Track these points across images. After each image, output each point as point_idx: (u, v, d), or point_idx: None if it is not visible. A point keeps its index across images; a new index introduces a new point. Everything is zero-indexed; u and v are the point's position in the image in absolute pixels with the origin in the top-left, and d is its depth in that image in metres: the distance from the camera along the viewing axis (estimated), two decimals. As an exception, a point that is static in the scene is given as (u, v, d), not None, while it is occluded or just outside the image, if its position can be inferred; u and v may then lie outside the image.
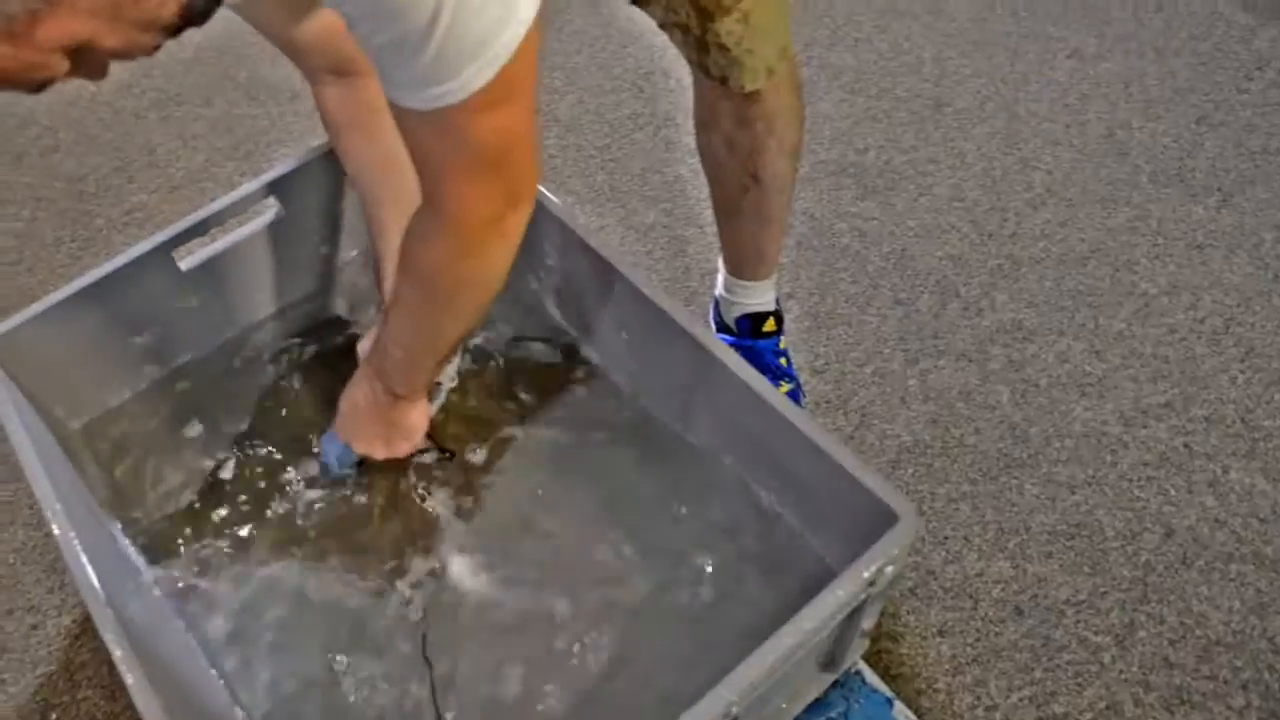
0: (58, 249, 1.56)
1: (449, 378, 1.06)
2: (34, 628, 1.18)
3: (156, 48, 0.60)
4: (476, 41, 0.58)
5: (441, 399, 1.05)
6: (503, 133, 0.66)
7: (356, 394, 0.96)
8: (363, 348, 0.99)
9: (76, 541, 0.86)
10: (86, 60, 0.58)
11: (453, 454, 1.09)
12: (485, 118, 0.64)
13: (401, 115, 0.65)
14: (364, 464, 1.06)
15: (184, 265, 1.12)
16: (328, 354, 1.19)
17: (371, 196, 0.99)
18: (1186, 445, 1.25)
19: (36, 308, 1.06)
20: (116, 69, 0.67)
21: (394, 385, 0.92)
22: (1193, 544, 1.17)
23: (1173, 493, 1.21)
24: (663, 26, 0.96)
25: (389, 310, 0.87)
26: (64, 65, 0.56)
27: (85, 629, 1.17)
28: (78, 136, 1.72)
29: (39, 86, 0.57)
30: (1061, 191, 1.53)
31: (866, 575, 0.79)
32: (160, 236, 1.09)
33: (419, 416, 0.98)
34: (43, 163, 1.69)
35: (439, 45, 0.58)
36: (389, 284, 0.98)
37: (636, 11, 0.97)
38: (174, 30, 0.60)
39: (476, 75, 0.60)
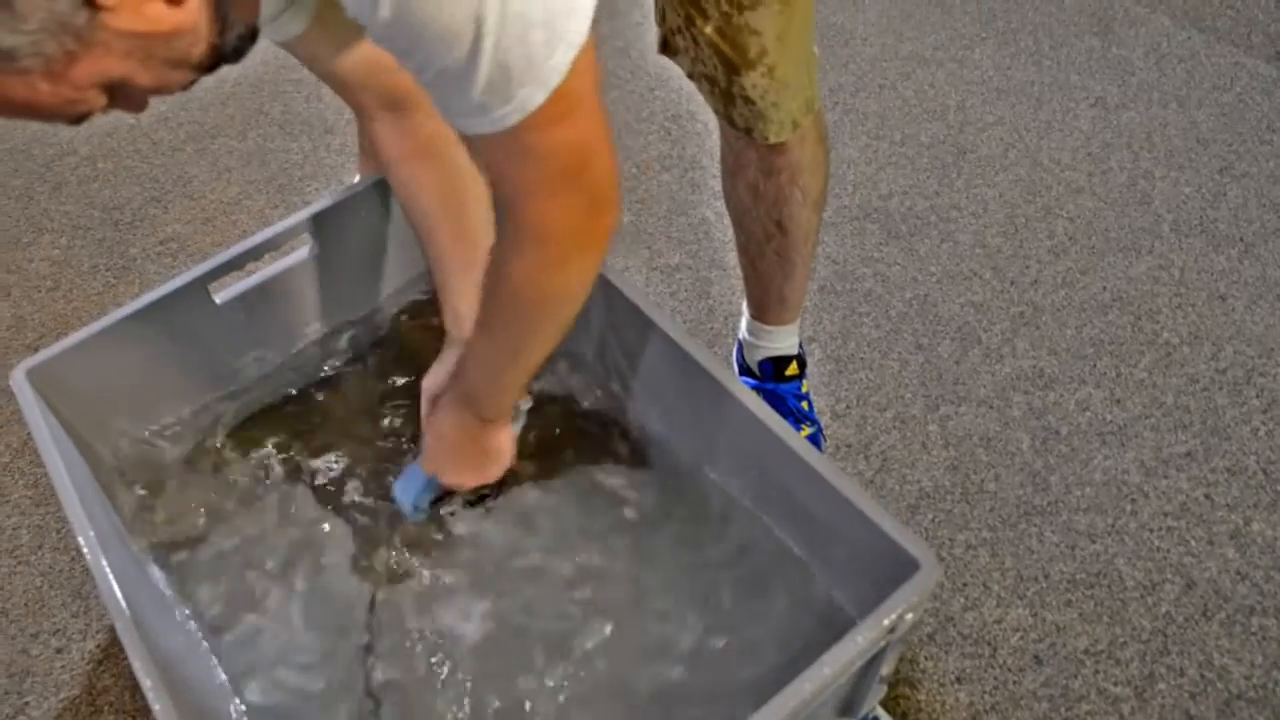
0: (93, 277, 1.60)
1: (526, 401, 1.03)
2: (59, 651, 1.19)
3: (191, 83, 0.63)
4: (523, 67, 0.59)
5: (522, 420, 1.01)
6: (573, 145, 0.66)
7: (443, 426, 0.94)
8: (428, 383, 0.98)
9: (108, 569, 0.88)
10: (123, 95, 0.61)
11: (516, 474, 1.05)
12: (551, 133, 0.64)
13: (471, 141, 0.66)
14: (439, 500, 1.05)
15: (219, 298, 1.14)
16: (362, 388, 1.21)
17: (428, 227, 0.98)
18: (1208, 496, 1.25)
19: (74, 338, 1.08)
20: (155, 102, 0.70)
21: (483, 410, 0.90)
22: (1214, 596, 1.17)
23: (1193, 544, 1.21)
24: (690, 76, 0.99)
25: (473, 336, 0.85)
26: (101, 100, 0.59)
27: (109, 654, 1.19)
28: (115, 167, 1.76)
29: (78, 119, 0.60)
30: (1084, 240, 1.54)
31: (887, 623, 0.80)
32: (197, 270, 1.11)
33: (507, 439, 0.96)
34: (80, 192, 1.73)
35: (487, 74, 0.59)
36: (450, 313, 0.98)
37: (666, 58, 1.00)
38: (207, 68, 0.63)
39: (530, 98, 0.61)
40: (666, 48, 0.98)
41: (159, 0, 0.56)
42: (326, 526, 1.10)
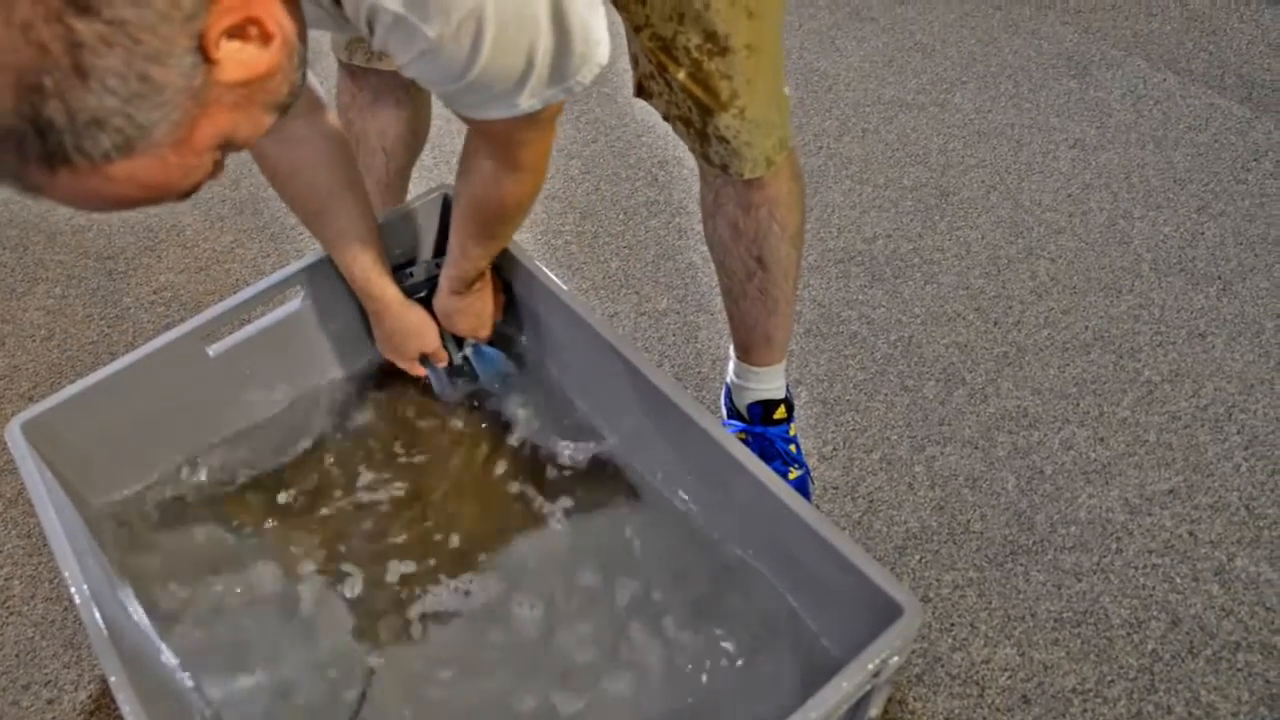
0: (88, 326, 1.61)
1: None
2: (50, 702, 1.19)
3: (268, 130, 0.65)
4: (558, 79, 0.74)
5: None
6: (557, 110, 0.84)
7: (464, 305, 1.15)
8: (441, 306, 1.18)
9: (101, 623, 0.88)
10: (225, 154, 0.63)
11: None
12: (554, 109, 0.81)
13: (485, 122, 0.80)
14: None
15: (212, 351, 1.15)
16: (352, 439, 1.22)
17: (333, 221, 1.11)
18: (1191, 533, 1.27)
19: (68, 391, 1.09)
20: None
21: (475, 282, 1.13)
22: (1199, 633, 1.18)
23: (1178, 580, 1.22)
24: (666, 119, 1.03)
25: (469, 248, 1.06)
26: (212, 161, 0.61)
27: (100, 705, 1.19)
28: (109, 216, 1.79)
29: (191, 190, 0.61)
30: (1065, 280, 1.56)
31: (871, 667, 0.81)
32: (191, 324, 1.13)
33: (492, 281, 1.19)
34: (75, 241, 1.75)
35: (529, 97, 0.75)
36: (367, 268, 1.13)
37: (642, 100, 1.04)
38: (285, 109, 0.66)
39: (554, 97, 0.76)
40: (642, 91, 1.03)
41: (252, 44, 0.58)
42: (320, 580, 1.11)
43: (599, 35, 0.73)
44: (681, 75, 0.95)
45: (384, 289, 1.13)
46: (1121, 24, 2.01)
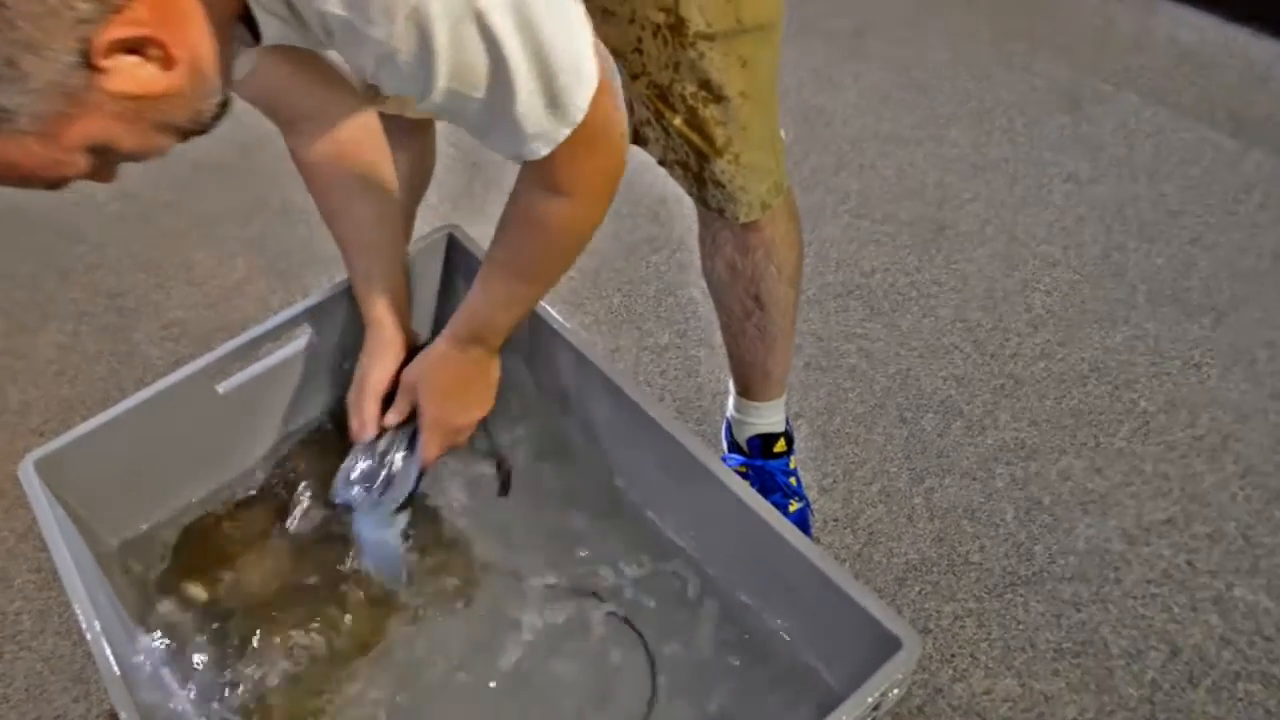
0: (98, 362, 1.64)
1: None
2: (60, 738, 1.21)
3: (166, 151, 0.67)
4: (551, 107, 0.71)
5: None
6: (596, 167, 0.79)
7: (446, 366, 0.99)
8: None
9: (113, 660, 0.90)
10: (104, 160, 0.64)
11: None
12: (576, 161, 0.76)
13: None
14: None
15: (221, 388, 1.17)
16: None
17: (349, 216, 1.05)
18: (1189, 562, 1.28)
19: (81, 429, 1.11)
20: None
21: (495, 341, 0.98)
22: (1199, 662, 1.19)
23: (1177, 610, 1.24)
24: (662, 163, 1.05)
25: (492, 282, 0.94)
26: (84, 163, 0.63)
27: (109, 741, 1.20)
28: (121, 253, 1.82)
29: (58, 183, 0.63)
30: (1061, 312, 1.58)
31: (871, 700, 0.82)
32: (200, 363, 1.15)
33: (497, 373, 1.04)
34: (86, 279, 1.78)
35: (518, 121, 0.71)
36: (378, 306, 1.05)
37: (637, 146, 1.05)
38: (188, 133, 0.67)
39: (556, 133, 0.72)
40: (637, 137, 1.05)
41: (151, 63, 0.60)
42: (332, 615, 1.12)
43: (582, 53, 0.70)
44: (678, 122, 0.98)
45: (371, 300, 1.06)
46: (1113, 59, 2.05)
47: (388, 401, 1.03)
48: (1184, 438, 1.41)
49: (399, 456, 1.00)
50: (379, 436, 1.01)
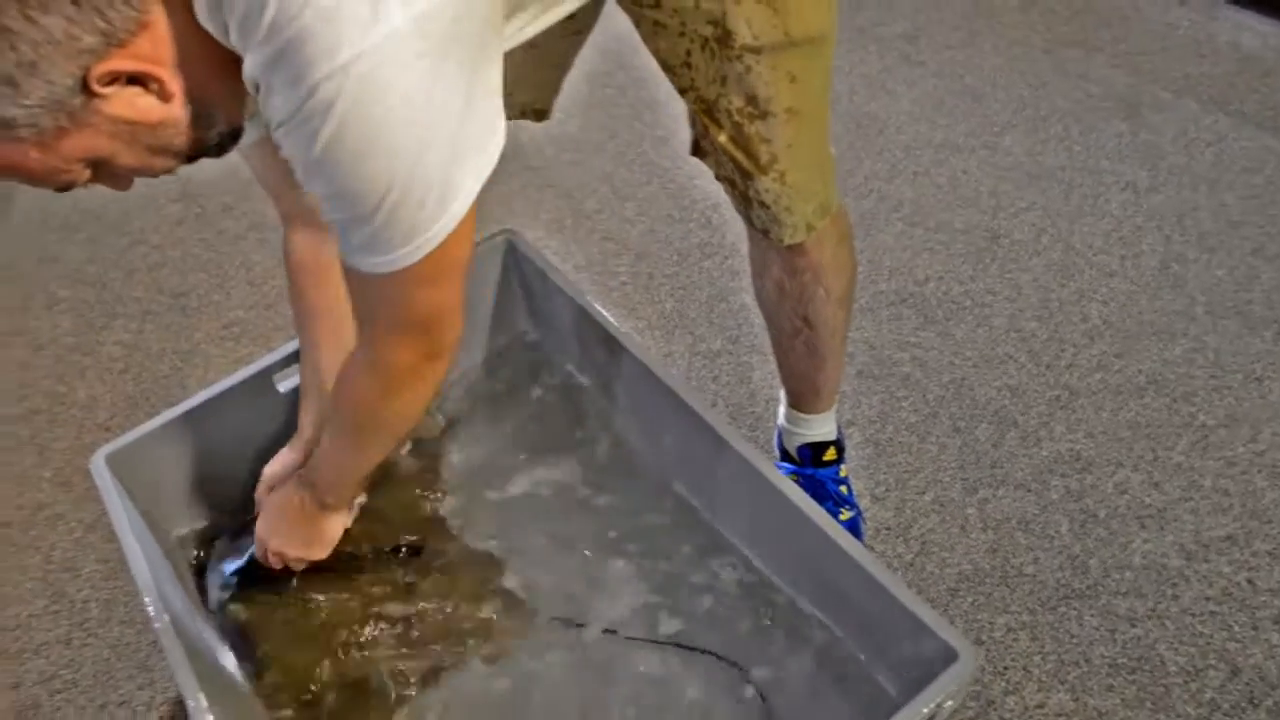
0: (161, 360, 1.68)
1: (361, 497, 1.13)
2: (123, 725, 1.24)
3: (172, 170, 0.72)
4: (408, 230, 0.68)
5: (355, 512, 1.12)
6: (432, 303, 0.77)
7: (283, 503, 1.05)
8: (269, 470, 1.11)
9: (182, 650, 0.92)
10: (107, 172, 0.70)
11: (359, 559, 1.14)
12: (417, 289, 0.74)
13: (349, 271, 0.75)
14: (245, 576, 1.13)
15: (282, 387, 1.20)
16: (413, 473, 1.26)
17: (310, 336, 1.09)
18: (1250, 580, 1.26)
19: (151, 424, 1.15)
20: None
21: (323, 496, 1.02)
22: (1260, 683, 1.17)
23: (1236, 629, 1.22)
24: (717, 178, 1.03)
25: (326, 434, 0.98)
26: (85, 174, 0.68)
27: (171, 729, 1.23)
28: (183, 254, 1.86)
29: (63, 187, 0.69)
30: (1118, 323, 1.56)
31: (926, 710, 0.82)
32: (263, 361, 1.18)
33: (338, 526, 1.07)
34: (150, 278, 1.82)
35: (377, 228, 0.68)
36: (306, 409, 1.10)
37: (697, 159, 1.05)
38: (189, 157, 0.72)
39: (407, 255, 0.70)
40: (697, 150, 1.03)
41: (150, 94, 0.65)
42: (375, 605, 1.14)
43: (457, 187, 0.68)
44: (723, 138, 0.96)
45: (306, 406, 1.10)
46: (1172, 66, 2.02)
47: None
48: (1245, 453, 1.39)
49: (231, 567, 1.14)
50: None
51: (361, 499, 1.13)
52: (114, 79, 0.63)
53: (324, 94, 0.61)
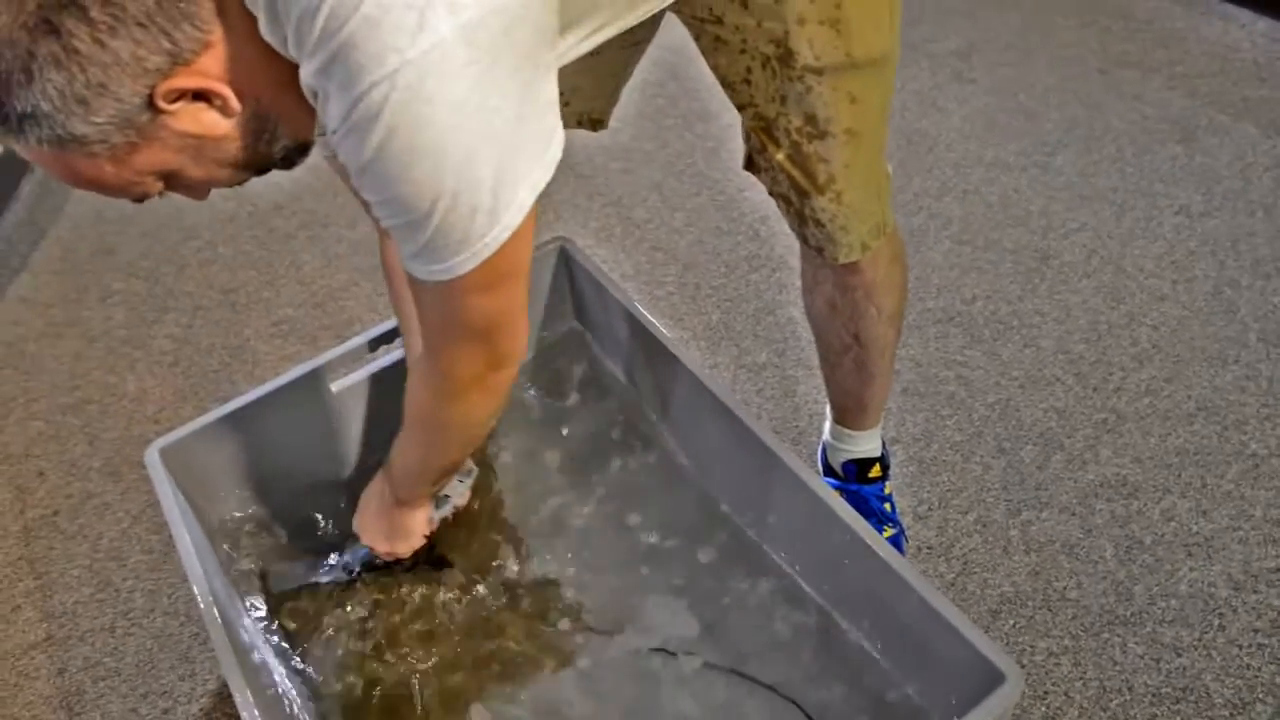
0: (210, 355, 1.70)
1: (458, 494, 1.15)
2: (165, 712, 1.26)
3: (242, 181, 0.75)
4: (461, 238, 0.68)
5: (446, 511, 1.14)
6: (490, 311, 0.77)
7: (371, 492, 1.10)
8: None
9: (229, 644, 0.94)
10: (179, 183, 0.73)
11: (450, 564, 1.16)
12: (474, 297, 0.74)
13: (410, 278, 0.75)
14: (364, 570, 1.15)
15: (334, 387, 1.22)
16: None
17: (408, 330, 1.11)
18: (1300, 614, 1.24)
19: (204, 419, 1.16)
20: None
21: (398, 492, 1.05)
22: (1307, 719, 1.15)
23: (1285, 663, 1.20)
24: (770, 194, 1.03)
25: (400, 434, 1.00)
26: (158, 185, 0.72)
27: (212, 719, 1.25)
28: (234, 251, 1.89)
29: (138, 198, 0.73)
30: (1168, 348, 1.54)
31: (972, 733, 0.82)
32: (316, 361, 1.19)
33: (418, 523, 1.09)
34: (201, 274, 1.85)
35: (431, 235, 0.68)
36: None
37: (749, 173, 1.04)
38: (257, 171, 0.74)
39: (462, 264, 0.70)
40: (750, 165, 1.03)
41: (214, 110, 0.68)
42: (415, 594, 1.15)
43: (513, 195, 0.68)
44: (780, 156, 0.96)
45: None
46: (1230, 89, 1.99)
47: None
48: (1297, 484, 1.37)
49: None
50: None
51: (461, 499, 1.14)
52: (179, 96, 0.65)
53: (372, 101, 0.62)
